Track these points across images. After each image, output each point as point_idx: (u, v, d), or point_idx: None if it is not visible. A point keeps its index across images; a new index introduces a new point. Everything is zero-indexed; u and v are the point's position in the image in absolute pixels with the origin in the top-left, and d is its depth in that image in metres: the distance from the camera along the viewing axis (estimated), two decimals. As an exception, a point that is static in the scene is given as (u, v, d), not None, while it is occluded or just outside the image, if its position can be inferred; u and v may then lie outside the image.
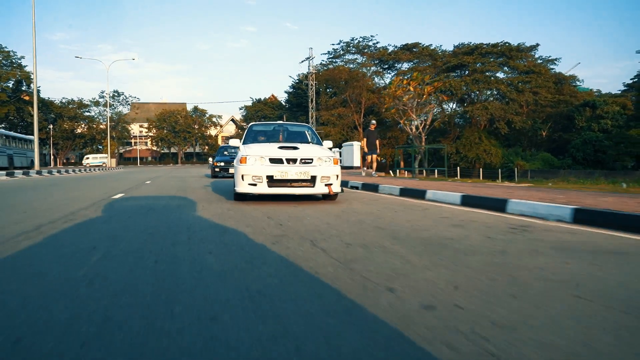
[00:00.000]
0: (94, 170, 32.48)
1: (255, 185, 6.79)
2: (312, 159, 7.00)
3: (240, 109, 77.90)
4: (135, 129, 76.46)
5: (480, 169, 35.68)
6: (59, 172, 25.67)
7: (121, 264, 2.99)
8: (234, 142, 8.24)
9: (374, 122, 15.11)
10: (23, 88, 57.99)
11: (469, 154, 41.19)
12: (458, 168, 34.35)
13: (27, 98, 57.93)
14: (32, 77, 58.12)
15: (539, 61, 49.31)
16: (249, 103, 74.55)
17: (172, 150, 78.82)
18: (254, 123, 9.30)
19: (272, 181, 6.77)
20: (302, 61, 55.89)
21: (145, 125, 75.45)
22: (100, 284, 2.49)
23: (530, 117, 45.98)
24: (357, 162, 22.53)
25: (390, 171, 16.79)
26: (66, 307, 2.11)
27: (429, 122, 17.58)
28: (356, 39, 52.01)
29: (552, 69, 49.66)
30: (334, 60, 53.39)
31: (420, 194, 8.48)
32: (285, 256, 3.22)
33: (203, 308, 2.09)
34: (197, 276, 2.66)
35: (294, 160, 6.93)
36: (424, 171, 17.03)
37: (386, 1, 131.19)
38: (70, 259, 3.13)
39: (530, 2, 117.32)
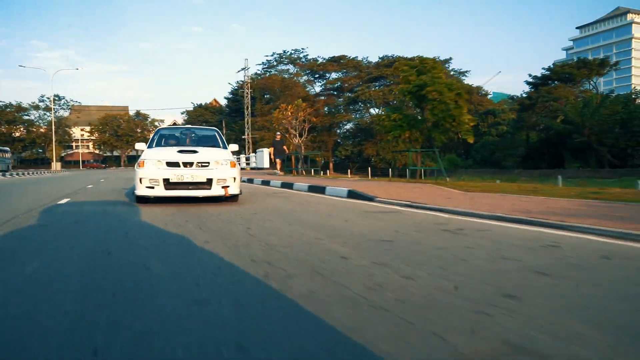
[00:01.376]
0: (44, 173, 35.56)
1: (152, 188, 6.96)
2: (209, 162, 7.20)
3: (182, 113, 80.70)
4: (76, 132, 77.55)
5: (390, 169, 41.57)
6: (19, 174, 28.89)
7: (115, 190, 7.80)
8: (139, 146, 8.27)
9: (279, 133, 19.97)
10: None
11: (386, 156, 47.15)
12: (369, 168, 40.00)
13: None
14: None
15: (452, 73, 56.20)
16: (191, 108, 77.72)
17: (115, 153, 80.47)
18: (161, 127, 9.75)
19: (169, 184, 6.96)
20: (239, 71, 60.15)
21: (87, 128, 76.73)
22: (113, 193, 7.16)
23: (441, 123, 52.63)
24: (266, 164, 28.10)
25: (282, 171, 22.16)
26: (116, 198, 6.83)
27: (305, 137, 22.91)
28: (288, 51, 57.05)
29: (463, 79, 56.82)
30: (268, 70, 58.14)
31: (267, 183, 13.96)
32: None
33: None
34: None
35: (191, 164, 7.11)
36: (304, 170, 22.30)
37: (318, 15, 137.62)
38: (102, 197, 7.81)
39: (451, 18, 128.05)
